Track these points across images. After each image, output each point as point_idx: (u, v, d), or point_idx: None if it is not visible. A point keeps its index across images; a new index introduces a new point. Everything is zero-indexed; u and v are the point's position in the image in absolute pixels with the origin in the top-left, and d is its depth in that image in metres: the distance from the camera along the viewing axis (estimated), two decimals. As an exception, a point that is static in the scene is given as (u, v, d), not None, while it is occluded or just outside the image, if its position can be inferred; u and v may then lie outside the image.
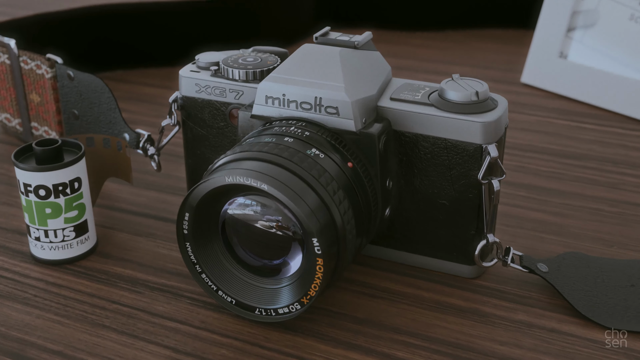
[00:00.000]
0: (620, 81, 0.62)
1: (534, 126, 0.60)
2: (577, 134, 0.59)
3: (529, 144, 0.57)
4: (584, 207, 0.48)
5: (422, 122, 0.38)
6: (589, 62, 0.64)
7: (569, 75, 0.65)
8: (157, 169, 0.47)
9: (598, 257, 0.42)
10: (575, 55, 0.65)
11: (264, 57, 0.43)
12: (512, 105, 0.63)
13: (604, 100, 0.63)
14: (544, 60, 0.67)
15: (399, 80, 0.41)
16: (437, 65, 0.74)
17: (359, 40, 0.40)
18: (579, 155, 0.55)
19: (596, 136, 0.58)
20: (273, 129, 0.38)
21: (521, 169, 0.53)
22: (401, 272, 0.41)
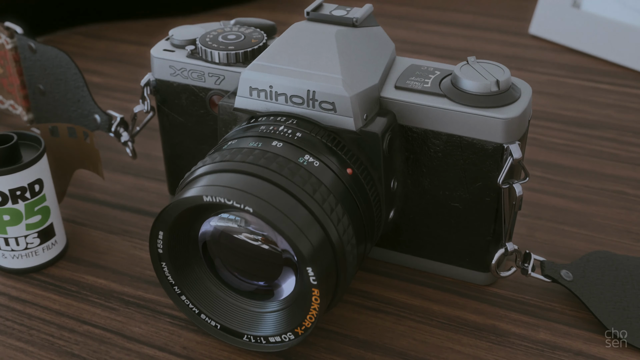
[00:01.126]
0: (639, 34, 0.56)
1: (545, 87, 0.55)
2: (592, 96, 0.53)
3: (541, 109, 0.52)
4: (605, 190, 0.43)
5: (432, 117, 0.33)
6: (604, 12, 0.58)
7: (582, 27, 0.59)
8: (132, 157, 0.42)
9: (626, 256, 0.38)
10: (589, 4, 0.59)
11: (248, 34, 0.37)
12: (519, 61, 0.58)
13: (620, 55, 0.57)
14: (555, 10, 0.61)
15: (404, 60, 0.36)
16: (438, 13, 0.67)
17: (357, 17, 0.34)
18: (595, 123, 0.50)
19: (613, 99, 0.53)
20: (259, 128, 0.32)
21: (534, 142, 0.48)
22: (408, 279, 0.37)
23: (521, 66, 0.57)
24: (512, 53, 0.59)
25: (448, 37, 0.62)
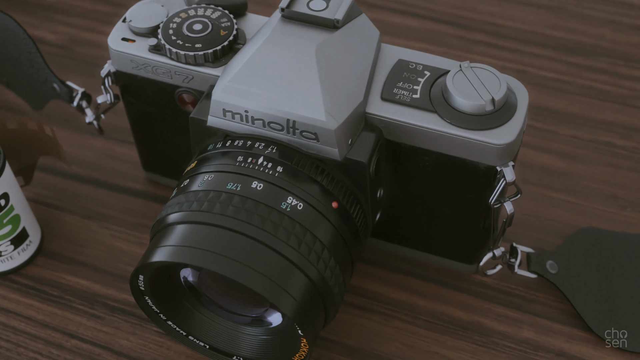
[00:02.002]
0: None
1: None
2: (586, 9, 0.49)
3: (530, 29, 0.48)
4: (593, 142, 0.42)
5: (422, 136, 0.30)
6: None
7: None
8: (99, 133, 0.39)
9: (610, 232, 0.37)
10: None
11: (215, 21, 0.32)
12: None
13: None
14: None
15: (391, 51, 0.32)
16: None
17: (339, 18, 0.30)
18: (588, 48, 0.47)
19: (607, 13, 0.49)
20: (237, 157, 0.30)
21: (523, 76, 0.45)
22: (394, 268, 0.37)
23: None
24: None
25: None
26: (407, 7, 0.50)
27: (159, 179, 0.40)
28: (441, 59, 0.32)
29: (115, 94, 0.36)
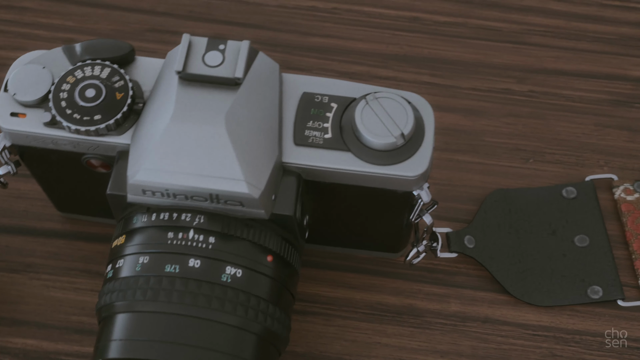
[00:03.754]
0: None
1: None
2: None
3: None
4: (492, 92, 0.43)
5: (339, 176, 0.31)
6: None
7: None
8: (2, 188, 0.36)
9: (517, 190, 0.40)
10: None
11: (108, 84, 0.31)
12: None
13: None
14: None
15: (293, 86, 0.32)
16: None
17: (240, 77, 0.29)
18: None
19: None
20: (167, 233, 0.30)
21: (417, 27, 0.45)
22: (326, 266, 0.38)
23: None
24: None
25: None
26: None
27: (77, 216, 0.39)
28: (345, 84, 0.32)
29: (16, 160, 0.34)
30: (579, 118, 0.43)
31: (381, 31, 0.46)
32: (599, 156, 0.42)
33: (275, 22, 0.46)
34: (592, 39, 0.45)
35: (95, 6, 0.46)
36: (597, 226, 0.39)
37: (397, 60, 0.45)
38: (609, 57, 0.45)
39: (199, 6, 0.46)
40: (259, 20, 0.46)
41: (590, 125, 0.43)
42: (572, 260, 0.38)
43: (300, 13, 0.46)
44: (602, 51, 0.45)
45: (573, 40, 0.45)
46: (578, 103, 0.43)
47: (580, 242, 0.39)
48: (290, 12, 0.46)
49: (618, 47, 0.45)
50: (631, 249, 0.39)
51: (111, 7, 0.46)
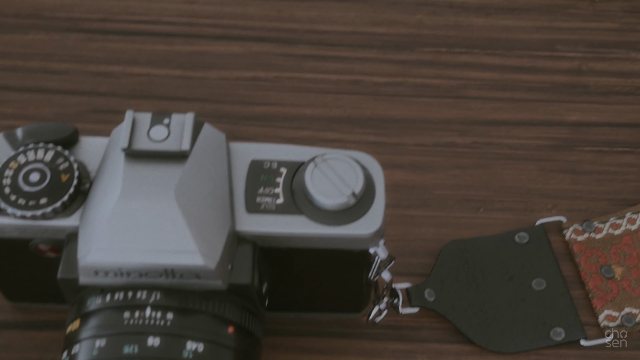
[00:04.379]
0: None
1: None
2: None
3: (352, 30, 0.48)
4: (437, 146, 0.44)
5: (294, 240, 0.31)
6: None
7: None
8: None
9: (471, 239, 0.40)
10: None
11: (53, 167, 0.30)
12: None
13: None
14: None
15: (241, 154, 0.32)
16: None
17: (187, 149, 0.30)
18: (410, 40, 0.48)
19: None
20: (123, 313, 0.29)
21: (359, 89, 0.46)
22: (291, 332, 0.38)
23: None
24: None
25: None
26: (225, 29, 0.48)
27: (28, 304, 0.38)
28: (293, 148, 0.33)
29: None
30: (523, 165, 0.44)
31: (324, 96, 0.46)
32: (546, 200, 0.43)
33: (219, 94, 0.46)
34: (527, 88, 0.47)
35: (35, 92, 0.46)
36: (552, 268, 0.40)
37: (342, 123, 0.45)
38: (544, 104, 0.46)
39: (141, 84, 0.46)
40: (203, 93, 0.46)
41: (534, 170, 0.44)
42: (532, 304, 0.39)
43: (243, 84, 0.47)
44: (538, 99, 0.47)
45: (509, 91, 0.47)
46: (520, 150, 0.45)
47: (537, 285, 0.39)
48: (233, 84, 0.47)
49: (552, 94, 0.47)
50: (587, 288, 0.39)
51: (51, 91, 0.46)
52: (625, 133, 0.45)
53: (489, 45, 0.48)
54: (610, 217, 0.41)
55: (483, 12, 0.49)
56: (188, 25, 0.48)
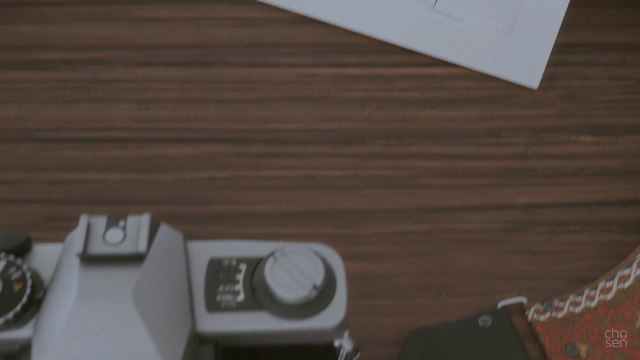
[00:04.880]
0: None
1: (299, 89, 0.51)
2: (346, 90, 0.51)
3: (303, 127, 0.49)
4: (393, 233, 0.45)
5: (257, 337, 0.31)
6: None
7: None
8: None
9: (437, 326, 0.40)
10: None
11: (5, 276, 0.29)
12: (261, 51, 0.54)
13: (358, 22, 0.54)
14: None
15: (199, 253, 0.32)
16: None
17: (143, 251, 0.30)
18: (360, 134, 0.49)
19: (366, 91, 0.51)
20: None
21: (312, 182, 0.47)
22: None
23: (266, 60, 0.53)
24: (250, 38, 0.54)
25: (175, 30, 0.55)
26: (180, 132, 0.49)
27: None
28: (251, 244, 0.32)
29: None
30: (480, 248, 0.45)
31: (279, 192, 0.47)
32: (506, 282, 0.43)
33: (175, 196, 0.46)
34: (477, 174, 0.48)
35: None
36: (518, 350, 0.40)
37: (298, 217, 0.46)
38: (495, 189, 0.48)
39: (96, 190, 0.46)
40: (159, 196, 0.46)
41: (491, 254, 0.45)
42: (501, 388, 0.39)
43: (198, 184, 0.47)
44: (488, 184, 0.48)
45: (459, 178, 0.48)
46: (476, 235, 0.45)
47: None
48: (188, 185, 0.47)
49: (501, 179, 0.48)
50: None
51: (4, 201, 0.45)
52: (574, 212, 0.46)
53: (436, 136, 0.49)
54: (569, 295, 0.42)
55: (429, 105, 0.51)
56: (142, 130, 0.49)
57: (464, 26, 0.53)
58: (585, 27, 0.55)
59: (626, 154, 0.49)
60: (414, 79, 0.52)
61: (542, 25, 0.50)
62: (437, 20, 0.53)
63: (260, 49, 0.53)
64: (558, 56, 0.53)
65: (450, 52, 0.53)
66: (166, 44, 0.53)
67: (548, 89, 0.52)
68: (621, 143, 0.49)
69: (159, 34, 0.54)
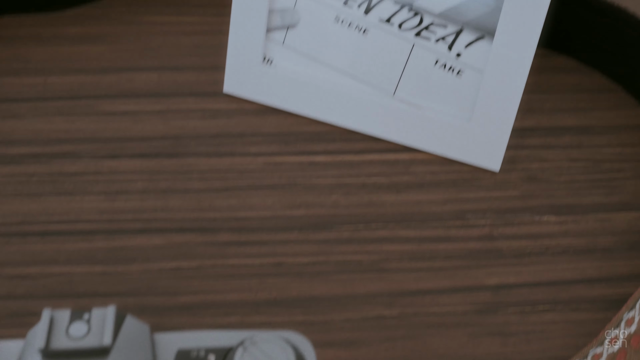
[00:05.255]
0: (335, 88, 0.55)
1: (265, 177, 0.52)
2: (313, 177, 0.52)
3: (271, 214, 0.50)
4: (365, 319, 0.45)
5: None
6: (298, 67, 0.56)
7: (278, 84, 0.57)
8: None
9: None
10: (281, 59, 0.57)
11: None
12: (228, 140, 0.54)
13: (322, 111, 0.56)
14: (246, 67, 0.57)
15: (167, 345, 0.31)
16: (106, 73, 0.58)
17: (108, 344, 0.29)
18: (328, 219, 0.50)
19: (333, 177, 0.52)
20: None
21: (281, 269, 0.47)
22: None
23: (233, 150, 0.53)
24: (216, 129, 0.55)
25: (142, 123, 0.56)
26: (147, 223, 0.49)
27: None
28: (221, 334, 0.32)
29: None
30: (452, 332, 0.44)
31: (248, 280, 0.46)
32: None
33: (141, 287, 0.46)
34: (445, 257, 0.48)
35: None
36: None
37: (268, 306, 0.45)
38: (464, 270, 0.48)
39: (61, 284, 0.45)
40: (125, 287, 0.45)
41: (463, 336, 0.44)
42: None
43: (166, 275, 0.46)
44: (457, 266, 0.48)
45: (428, 261, 0.48)
46: (447, 317, 0.45)
47: None
48: (155, 276, 0.46)
49: (469, 260, 0.48)
50: None
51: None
52: (543, 292, 0.47)
53: (403, 219, 0.50)
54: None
55: (394, 190, 0.52)
56: (109, 222, 0.49)
57: (425, 113, 0.54)
58: (541, 112, 0.57)
59: (589, 232, 0.50)
60: (379, 164, 0.53)
61: (500, 111, 0.52)
62: (399, 108, 0.54)
63: (227, 139, 0.54)
64: (517, 140, 0.55)
65: (413, 138, 0.55)
66: (133, 136, 0.54)
67: (510, 171, 0.53)
68: (584, 222, 0.50)
69: (126, 126, 0.55)
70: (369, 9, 0.54)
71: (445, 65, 0.54)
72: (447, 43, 0.53)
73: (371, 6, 0.54)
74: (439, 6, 0.53)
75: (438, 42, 0.53)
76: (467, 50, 0.53)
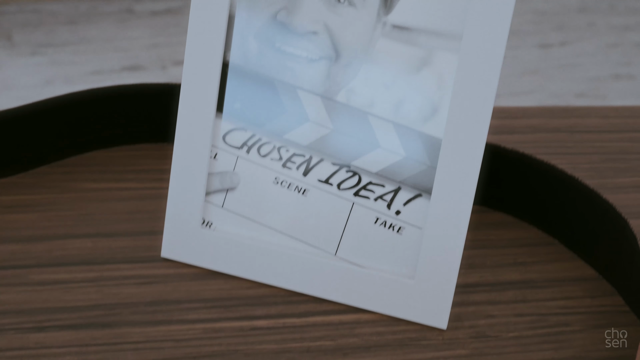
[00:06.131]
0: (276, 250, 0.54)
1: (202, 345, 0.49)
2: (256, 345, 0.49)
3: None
4: None
5: None
6: (238, 229, 0.55)
7: (218, 247, 0.55)
8: None
9: None
10: (221, 222, 0.56)
11: None
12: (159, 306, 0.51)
13: (263, 274, 0.55)
14: (185, 230, 0.56)
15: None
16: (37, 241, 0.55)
17: None
18: None
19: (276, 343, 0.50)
20: None
21: None
22: None
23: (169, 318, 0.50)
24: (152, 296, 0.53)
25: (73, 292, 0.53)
26: None
27: None
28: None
29: None
30: None
31: None
32: None
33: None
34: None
35: None
36: None
37: None
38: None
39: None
40: None
41: None
42: None
43: None
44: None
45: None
46: None
47: None
48: None
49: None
50: None
51: None
52: None
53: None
54: None
55: (340, 353, 0.49)
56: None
57: (368, 272, 0.53)
58: (482, 267, 0.57)
59: (543, 390, 0.48)
60: (323, 327, 0.51)
61: (443, 268, 0.52)
62: (341, 268, 0.53)
63: (164, 306, 0.52)
64: (462, 296, 0.54)
65: (357, 298, 0.53)
66: (63, 306, 0.51)
67: (457, 329, 0.52)
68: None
69: (56, 296, 0.52)
70: (307, 170, 0.54)
71: (385, 223, 0.54)
72: (386, 201, 0.53)
73: (310, 167, 0.54)
74: (376, 166, 0.54)
75: (377, 200, 0.54)
76: (406, 208, 0.53)
